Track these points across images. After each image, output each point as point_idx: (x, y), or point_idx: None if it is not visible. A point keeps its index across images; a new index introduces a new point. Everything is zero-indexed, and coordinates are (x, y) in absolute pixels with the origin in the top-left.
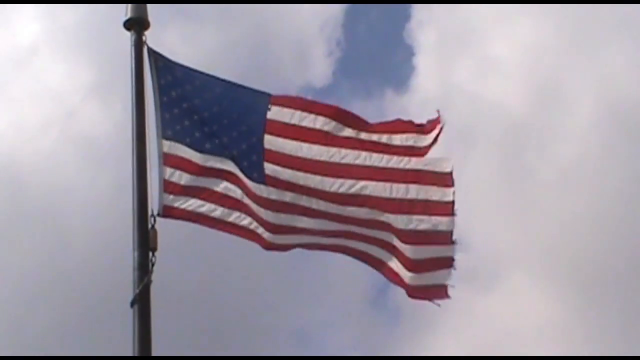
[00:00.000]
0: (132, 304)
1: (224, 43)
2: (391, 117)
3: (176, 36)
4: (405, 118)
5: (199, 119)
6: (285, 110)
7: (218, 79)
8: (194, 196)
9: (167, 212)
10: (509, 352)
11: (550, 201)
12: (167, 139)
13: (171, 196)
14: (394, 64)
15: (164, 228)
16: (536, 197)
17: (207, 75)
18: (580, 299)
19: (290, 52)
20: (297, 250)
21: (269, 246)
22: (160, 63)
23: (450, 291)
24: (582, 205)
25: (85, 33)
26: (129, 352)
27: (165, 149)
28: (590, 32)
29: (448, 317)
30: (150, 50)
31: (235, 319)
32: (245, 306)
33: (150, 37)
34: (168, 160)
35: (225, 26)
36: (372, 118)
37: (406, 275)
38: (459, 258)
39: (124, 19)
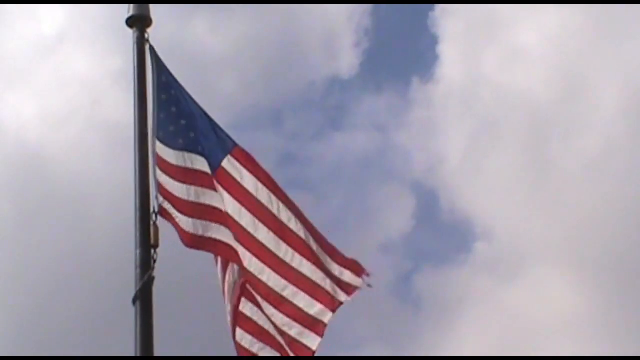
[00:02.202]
0: (134, 301)
1: (251, 33)
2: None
3: (204, 26)
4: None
5: (194, 118)
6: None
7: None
8: (179, 210)
9: (161, 212)
10: (530, 343)
11: (575, 192)
12: (159, 140)
13: (161, 198)
14: (420, 54)
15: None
16: (561, 188)
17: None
18: (605, 291)
19: (318, 42)
20: None
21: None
22: (160, 62)
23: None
24: (606, 196)
25: (111, 21)
26: (131, 349)
27: (158, 151)
28: (616, 22)
29: (469, 307)
30: (152, 48)
31: None
32: None
33: (177, 27)
34: (160, 163)
35: (253, 16)
36: (397, 110)
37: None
38: (481, 247)
39: (126, 16)
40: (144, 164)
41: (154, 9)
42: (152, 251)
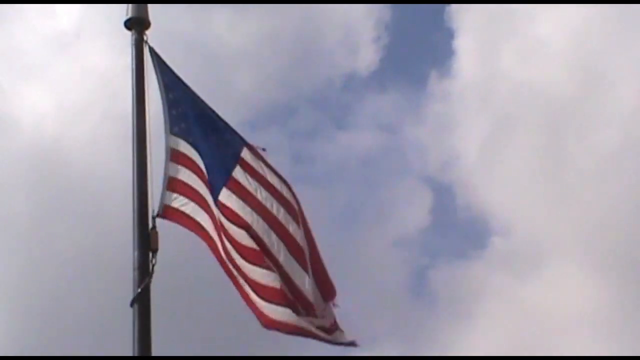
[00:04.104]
0: (132, 304)
1: (270, 29)
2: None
3: (223, 22)
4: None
5: (194, 120)
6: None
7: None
8: (192, 199)
9: (166, 213)
10: (546, 340)
11: (592, 188)
12: (175, 135)
13: (174, 194)
14: (438, 49)
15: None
16: (578, 183)
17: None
18: (622, 287)
19: (337, 38)
20: (333, 236)
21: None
22: (162, 63)
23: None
24: (624, 192)
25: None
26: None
27: (173, 145)
28: (635, 18)
29: (485, 302)
30: (151, 50)
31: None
32: None
33: (196, 22)
34: (175, 156)
35: (273, 12)
36: (414, 105)
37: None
38: (497, 243)
39: (125, 18)
40: (142, 167)
41: (171, 5)
42: (151, 255)
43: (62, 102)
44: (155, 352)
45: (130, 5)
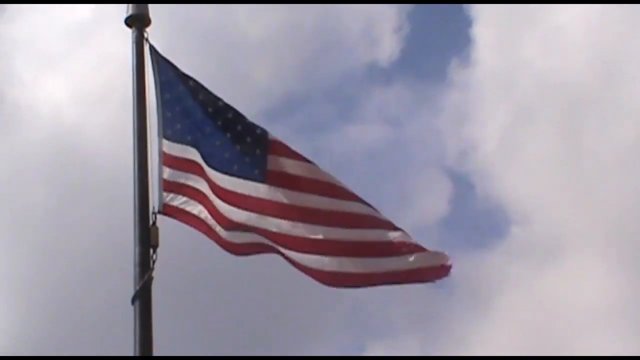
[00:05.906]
0: (132, 301)
1: (290, 20)
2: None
3: (243, 14)
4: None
5: (199, 119)
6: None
7: (209, 92)
8: (193, 198)
9: (167, 210)
10: (564, 332)
11: (613, 179)
12: (167, 138)
13: (171, 194)
14: (458, 38)
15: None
16: (598, 174)
17: (199, 83)
18: None
19: (359, 29)
20: None
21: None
22: (161, 60)
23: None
24: None
25: None
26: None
27: (165, 149)
28: None
29: (503, 293)
30: (151, 47)
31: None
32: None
33: (215, 16)
34: (167, 160)
35: (292, 3)
36: (433, 95)
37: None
38: (516, 234)
39: (125, 15)
40: (143, 164)
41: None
42: (152, 251)
43: (80, 91)
44: (156, 349)
45: (130, 2)
